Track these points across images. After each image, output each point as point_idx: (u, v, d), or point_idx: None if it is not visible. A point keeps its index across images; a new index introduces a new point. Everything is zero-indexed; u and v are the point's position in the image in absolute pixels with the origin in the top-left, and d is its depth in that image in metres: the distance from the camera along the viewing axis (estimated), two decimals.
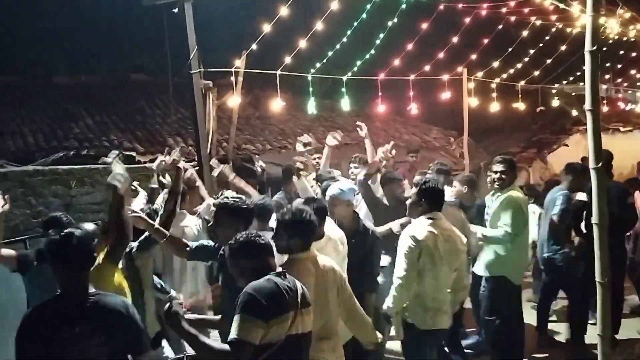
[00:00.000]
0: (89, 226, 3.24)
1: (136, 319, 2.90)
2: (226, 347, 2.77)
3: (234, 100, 7.17)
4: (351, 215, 4.72)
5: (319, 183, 5.77)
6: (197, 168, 7.03)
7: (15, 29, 14.85)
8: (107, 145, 9.45)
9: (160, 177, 5.48)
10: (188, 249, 4.05)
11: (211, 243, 4.13)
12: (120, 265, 3.80)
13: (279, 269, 3.12)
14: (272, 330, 2.85)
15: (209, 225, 4.70)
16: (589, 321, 6.12)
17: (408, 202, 4.53)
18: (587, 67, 3.24)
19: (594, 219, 3.27)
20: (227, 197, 3.99)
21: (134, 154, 8.93)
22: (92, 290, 2.84)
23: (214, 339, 3.10)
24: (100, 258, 3.45)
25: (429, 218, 4.29)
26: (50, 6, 13.97)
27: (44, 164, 7.51)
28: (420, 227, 4.26)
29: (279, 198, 6.02)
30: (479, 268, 5.46)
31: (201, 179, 6.69)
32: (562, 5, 7.10)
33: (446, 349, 5.03)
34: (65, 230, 2.84)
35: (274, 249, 3.26)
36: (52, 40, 14.95)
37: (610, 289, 3.27)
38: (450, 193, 5.79)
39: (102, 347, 2.70)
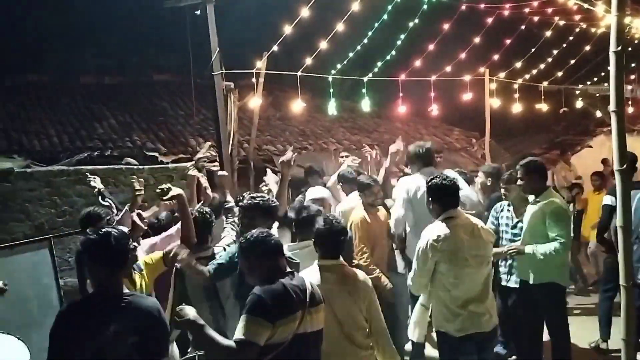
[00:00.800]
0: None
1: (165, 321, 2.91)
2: (232, 343, 2.79)
3: (255, 102, 7.22)
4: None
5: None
6: (218, 169, 7.08)
7: (47, 29, 15.13)
8: (130, 145, 9.57)
9: None
10: (208, 273, 4.04)
11: (225, 257, 4.13)
12: None
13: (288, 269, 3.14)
14: (279, 331, 2.87)
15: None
16: None
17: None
18: (611, 68, 3.19)
19: (619, 222, 3.22)
20: (254, 198, 4.07)
21: (156, 154, 9.03)
22: (126, 290, 2.85)
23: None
24: None
25: (443, 220, 4.01)
26: (79, 7, 14.17)
27: (68, 164, 7.63)
28: (435, 230, 3.99)
29: (299, 200, 6.01)
30: (524, 274, 5.10)
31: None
32: (586, 5, 7.02)
33: None
34: (103, 230, 2.84)
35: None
36: (81, 41, 15.19)
37: (633, 293, 3.22)
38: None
39: (133, 348, 2.69)
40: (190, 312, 2.83)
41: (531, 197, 4.99)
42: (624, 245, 3.22)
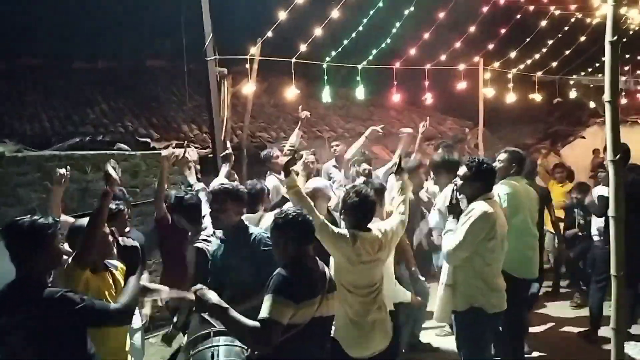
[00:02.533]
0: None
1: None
2: (257, 324, 2.83)
3: (248, 88, 7.17)
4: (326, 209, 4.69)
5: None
6: (211, 155, 7.06)
7: (40, 13, 14.93)
8: (122, 131, 9.50)
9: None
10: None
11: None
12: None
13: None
14: (301, 313, 2.94)
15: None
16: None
17: (458, 182, 4.28)
18: (607, 58, 3.18)
19: (611, 212, 3.23)
20: (223, 184, 4.21)
21: (148, 140, 8.97)
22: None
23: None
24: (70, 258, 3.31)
25: (486, 200, 4.14)
26: None
27: (60, 149, 7.57)
28: (487, 206, 4.08)
29: None
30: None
31: (215, 165, 6.73)
32: None
33: None
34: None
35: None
36: (74, 25, 15.01)
37: (624, 283, 3.24)
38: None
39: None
40: (212, 295, 2.88)
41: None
42: (615, 236, 3.23)
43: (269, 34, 6.52)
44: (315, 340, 3.11)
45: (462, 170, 4.26)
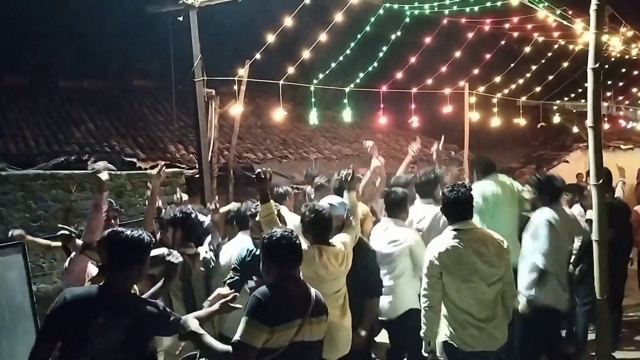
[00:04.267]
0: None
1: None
2: (228, 348, 2.82)
3: (236, 109, 7.20)
4: (339, 228, 4.47)
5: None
6: (197, 175, 7.05)
7: (27, 31, 14.94)
8: (108, 150, 9.47)
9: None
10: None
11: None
12: None
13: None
14: (276, 336, 2.88)
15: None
16: None
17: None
18: (589, 84, 3.25)
19: (594, 236, 3.27)
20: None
21: (134, 160, 8.94)
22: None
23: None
24: None
25: (454, 230, 3.93)
26: (60, 10, 14.04)
27: (45, 168, 7.52)
28: (443, 240, 3.94)
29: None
30: None
31: (202, 186, 6.71)
32: (565, 22, 7.14)
33: None
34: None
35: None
36: (61, 43, 15.03)
37: (608, 307, 3.27)
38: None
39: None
40: (193, 323, 2.90)
41: None
42: (599, 259, 3.27)
43: (257, 56, 6.56)
44: None
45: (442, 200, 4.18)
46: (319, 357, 3.22)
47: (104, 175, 4.06)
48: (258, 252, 3.77)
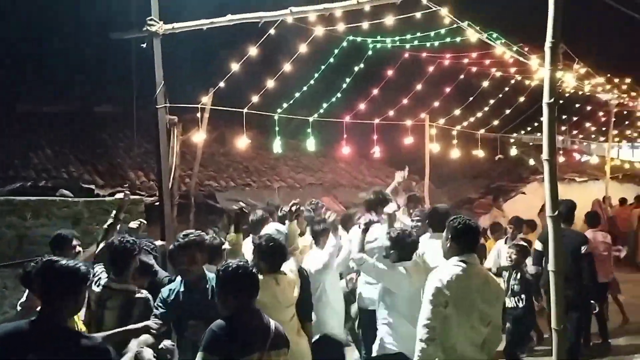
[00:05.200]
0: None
1: None
2: None
3: (199, 136, 7.16)
4: None
5: None
6: (158, 203, 6.94)
7: None
8: (65, 177, 9.25)
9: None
10: None
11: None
12: None
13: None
14: None
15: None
16: None
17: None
18: (544, 118, 3.36)
19: (550, 267, 3.34)
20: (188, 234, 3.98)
21: (93, 187, 8.76)
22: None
23: None
24: None
25: (461, 261, 3.62)
26: (22, 34, 13.79)
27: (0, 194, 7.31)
28: (450, 269, 3.61)
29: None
30: None
31: (162, 214, 6.61)
32: (521, 59, 7.41)
33: None
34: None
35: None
36: (19, 68, 14.72)
37: (565, 336, 3.32)
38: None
39: None
40: (147, 354, 2.93)
41: None
42: (555, 290, 3.34)
43: (221, 84, 6.57)
44: None
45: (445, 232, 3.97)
46: None
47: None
48: (182, 289, 3.80)
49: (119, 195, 5.35)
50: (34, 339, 2.60)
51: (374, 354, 4.59)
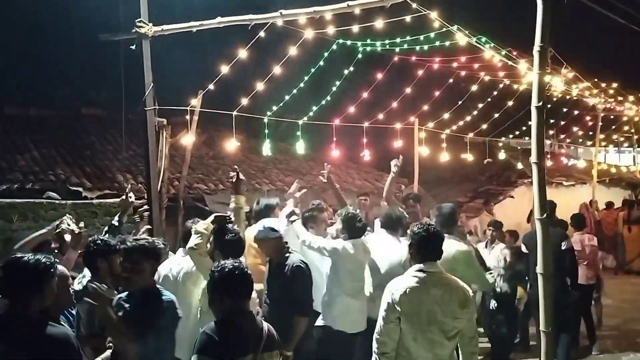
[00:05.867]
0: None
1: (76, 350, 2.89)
2: None
3: (188, 139, 7.14)
4: (277, 250, 4.70)
5: None
6: (146, 206, 6.90)
7: None
8: (53, 179, 9.18)
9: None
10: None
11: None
12: None
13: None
14: None
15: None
16: None
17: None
18: (533, 122, 3.38)
19: (539, 269, 3.35)
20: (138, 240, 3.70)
21: (80, 189, 8.70)
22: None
23: None
24: None
25: (418, 271, 3.52)
26: (8, 36, 13.70)
27: None
28: (404, 281, 3.52)
29: None
30: None
31: (150, 217, 6.57)
32: (510, 62, 7.46)
33: None
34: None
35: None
36: (8, 70, 14.63)
37: (553, 341, 3.34)
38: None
39: None
40: None
41: None
42: (544, 292, 3.35)
43: (211, 86, 6.55)
44: None
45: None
46: None
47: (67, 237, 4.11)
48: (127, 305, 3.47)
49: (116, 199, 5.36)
50: (1, 330, 2.71)
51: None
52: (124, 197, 5.02)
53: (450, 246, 4.74)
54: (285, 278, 4.53)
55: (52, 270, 2.91)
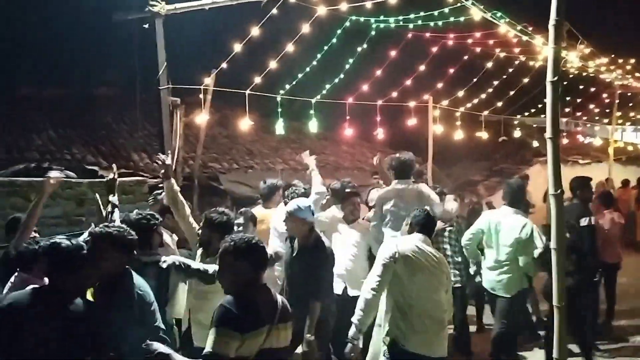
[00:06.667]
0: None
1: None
2: None
3: (201, 118, 7.16)
4: (304, 231, 4.69)
5: None
6: (161, 184, 6.96)
7: None
8: (69, 158, 9.28)
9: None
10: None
11: None
12: None
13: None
14: (247, 344, 2.84)
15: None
16: None
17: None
18: (548, 97, 3.34)
19: (553, 244, 3.35)
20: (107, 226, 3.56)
21: (96, 168, 8.78)
22: None
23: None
24: None
25: (421, 240, 4.33)
26: (21, 17, 13.75)
27: (3, 175, 7.33)
28: (412, 239, 4.32)
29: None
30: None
31: None
32: (525, 38, 7.35)
33: None
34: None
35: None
36: (21, 51, 14.72)
37: (565, 314, 3.34)
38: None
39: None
40: (158, 345, 2.84)
41: None
42: (557, 267, 3.35)
43: (224, 65, 6.55)
44: None
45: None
46: None
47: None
48: None
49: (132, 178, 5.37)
50: (39, 309, 2.98)
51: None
52: (111, 175, 4.89)
53: (518, 221, 5.50)
54: (309, 259, 4.61)
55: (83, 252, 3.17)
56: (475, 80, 9.88)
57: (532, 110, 12.99)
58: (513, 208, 5.67)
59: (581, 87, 12.61)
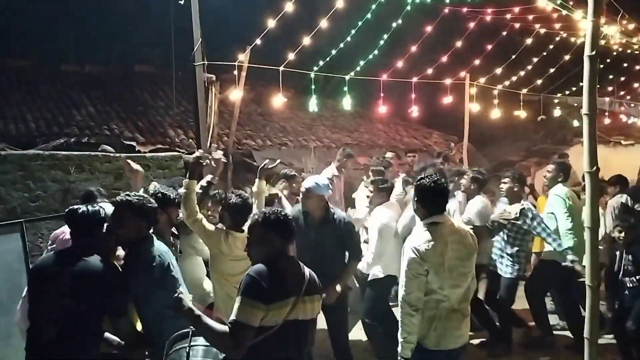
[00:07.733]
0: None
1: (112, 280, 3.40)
2: (226, 329, 2.82)
3: (236, 95, 7.20)
4: (322, 206, 5.02)
5: None
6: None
7: (30, 16, 14.95)
8: (107, 133, 9.49)
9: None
10: None
11: None
12: None
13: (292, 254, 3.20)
14: (272, 314, 2.88)
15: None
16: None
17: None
18: (585, 72, 3.25)
19: (586, 223, 3.29)
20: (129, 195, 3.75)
21: (134, 143, 8.94)
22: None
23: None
24: None
25: (430, 224, 3.78)
26: None
27: (44, 149, 7.52)
28: (423, 235, 3.75)
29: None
30: None
31: (200, 172, 6.71)
32: (564, 12, 7.13)
33: None
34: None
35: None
36: (63, 28, 15.06)
37: (598, 293, 3.29)
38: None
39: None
40: (188, 302, 2.92)
41: None
42: (591, 246, 3.29)
43: (258, 41, 6.56)
44: (290, 344, 3.00)
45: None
46: (312, 337, 3.20)
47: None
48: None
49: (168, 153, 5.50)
50: (56, 269, 3.35)
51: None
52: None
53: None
54: (336, 229, 5.02)
55: (105, 219, 3.54)
56: (513, 57, 9.63)
57: (573, 89, 12.61)
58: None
59: (625, 64, 12.18)
